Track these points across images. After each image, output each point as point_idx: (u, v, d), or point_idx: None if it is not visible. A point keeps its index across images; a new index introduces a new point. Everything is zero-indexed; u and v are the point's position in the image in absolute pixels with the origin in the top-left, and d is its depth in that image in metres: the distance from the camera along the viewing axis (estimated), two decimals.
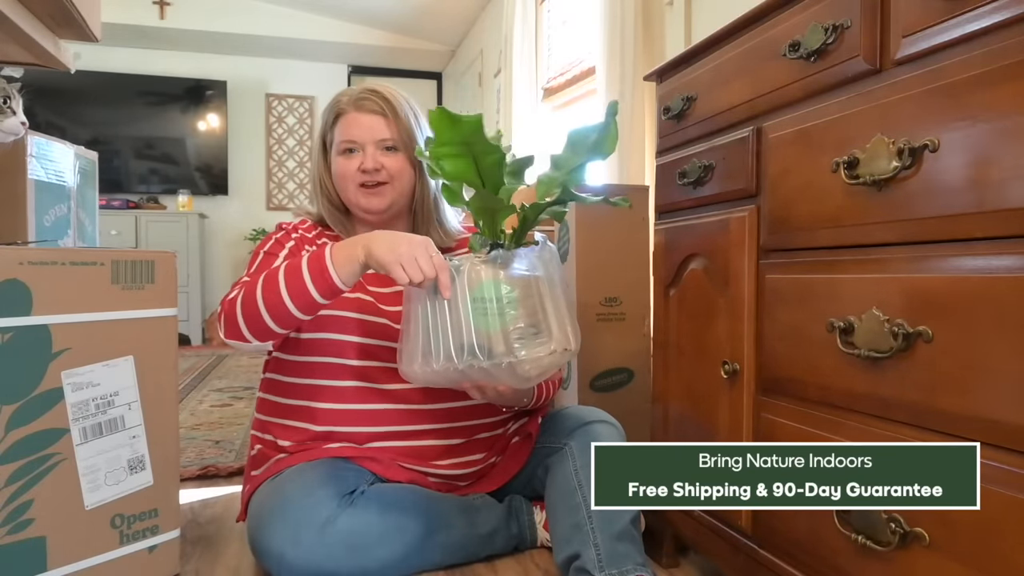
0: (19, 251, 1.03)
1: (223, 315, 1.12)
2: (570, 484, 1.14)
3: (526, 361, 0.97)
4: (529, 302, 1.00)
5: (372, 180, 1.24)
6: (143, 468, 1.14)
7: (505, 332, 0.97)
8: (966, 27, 0.64)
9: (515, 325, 0.98)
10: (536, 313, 1.01)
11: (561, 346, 1.00)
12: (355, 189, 1.25)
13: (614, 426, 1.27)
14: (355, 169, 1.24)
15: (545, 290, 1.02)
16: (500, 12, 3.80)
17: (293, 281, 1.06)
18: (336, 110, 1.27)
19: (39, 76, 1.36)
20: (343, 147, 1.25)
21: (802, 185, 0.86)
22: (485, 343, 0.96)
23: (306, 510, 1.08)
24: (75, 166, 1.43)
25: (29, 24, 1.16)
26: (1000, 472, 0.61)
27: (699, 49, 1.12)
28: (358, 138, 1.24)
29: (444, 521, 1.18)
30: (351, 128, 1.25)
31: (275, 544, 1.07)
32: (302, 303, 1.07)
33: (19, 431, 0.99)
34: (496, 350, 0.96)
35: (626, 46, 2.30)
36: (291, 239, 1.25)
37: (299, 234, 1.26)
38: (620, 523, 1.08)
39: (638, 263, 1.82)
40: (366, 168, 1.23)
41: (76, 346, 1.04)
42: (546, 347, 0.99)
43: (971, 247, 0.64)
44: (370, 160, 1.23)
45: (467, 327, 0.97)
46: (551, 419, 1.31)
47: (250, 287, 1.10)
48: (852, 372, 0.77)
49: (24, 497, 0.99)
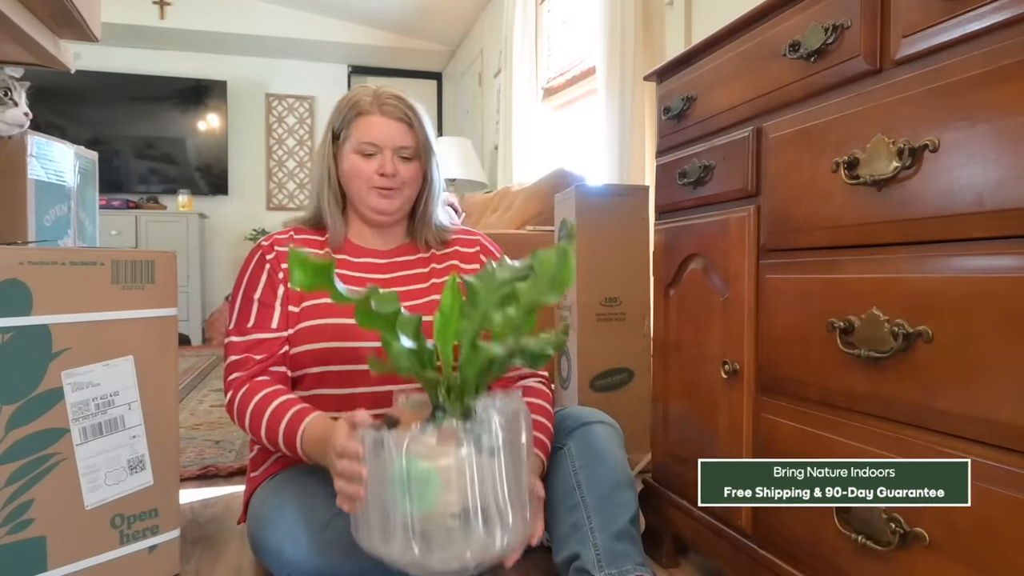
0: (19, 251, 1.03)
1: (234, 414, 1.15)
2: (569, 484, 1.14)
3: None
4: (461, 484, 0.82)
5: (388, 185, 1.25)
6: (143, 468, 1.14)
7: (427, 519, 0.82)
8: (966, 27, 0.64)
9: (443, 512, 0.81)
10: (466, 498, 0.82)
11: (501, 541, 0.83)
12: (367, 189, 1.26)
13: (612, 427, 1.27)
14: (372, 171, 1.24)
15: (493, 469, 0.83)
16: (500, 12, 3.80)
17: (272, 440, 1.11)
18: (359, 108, 1.26)
19: (39, 76, 1.36)
20: (362, 148, 1.25)
21: (802, 185, 0.86)
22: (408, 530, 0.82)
23: (305, 510, 1.09)
24: (75, 166, 1.43)
25: (29, 24, 1.16)
26: (1000, 472, 0.61)
27: (699, 49, 1.12)
28: (380, 141, 1.24)
29: None
30: (374, 130, 1.25)
31: (274, 541, 1.08)
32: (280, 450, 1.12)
33: (19, 431, 0.99)
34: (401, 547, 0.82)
35: (626, 46, 2.30)
36: (267, 263, 1.24)
37: (274, 254, 1.25)
38: (619, 523, 1.08)
39: (638, 263, 1.82)
40: (386, 172, 1.24)
41: (76, 346, 1.04)
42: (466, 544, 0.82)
43: (971, 247, 0.64)
44: (390, 166, 1.24)
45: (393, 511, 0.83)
46: None
47: (242, 412, 1.13)
48: (852, 372, 0.77)
49: (24, 497, 0.99)
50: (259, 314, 1.20)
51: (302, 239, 1.29)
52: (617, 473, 1.16)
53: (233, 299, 1.24)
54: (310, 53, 5.24)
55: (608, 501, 1.11)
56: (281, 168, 5.44)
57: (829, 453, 0.81)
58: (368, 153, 1.25)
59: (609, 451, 1.19)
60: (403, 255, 1.34)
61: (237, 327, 1.20)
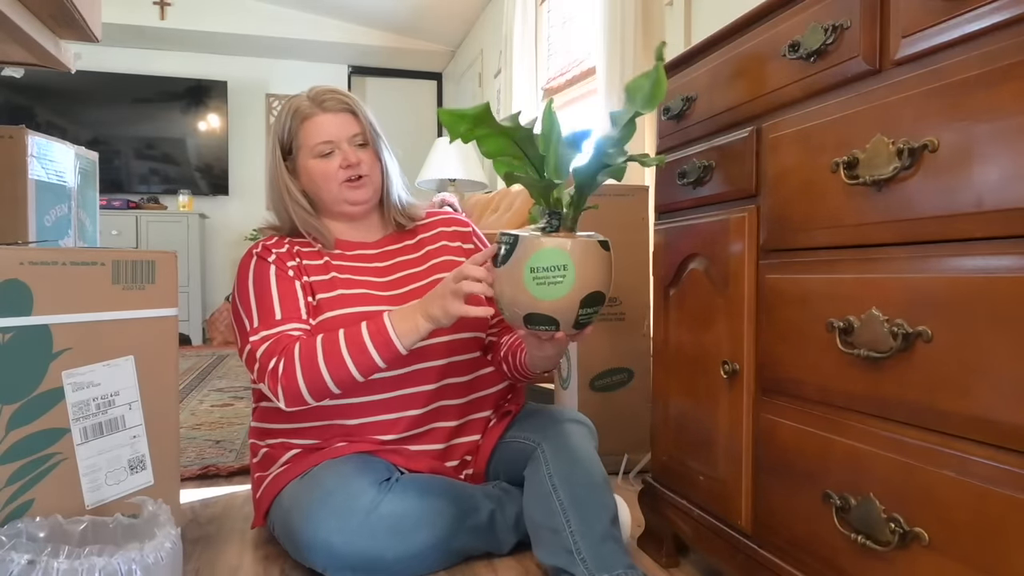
0: (20, 251, 1.03)
1: (282, 389, 1.12)
2: (545, 488, 1.15)
3: None
4: (587, 266, 1.00)
5: (355, 174, 1.26)
6: (143, 468, 1.14)
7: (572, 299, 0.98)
8: (965, 27, 0.64)
9: None
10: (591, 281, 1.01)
11: None
12: (338, 186, 1.26)
13: (586, 426, 1.30)
14: (336, 167, 1.26)
15: None
16: (500, 12, 3.80)
17: (358, 354, 1.12)
18: (301, 114, 1.27)
19: (40, 76, 1.37)
20: (319, 149, 1.26)
21: (802, 185, 0.86)
22: None
23: (350, 498, 1.10)
24: (76, 166, 1.43)
25: (30, 24, 1.16)
26: (1000, 472, 0.61)
27: (699, 49, 1.12)
28: (333, 137, 1.26)
29: (473, 505, 1.21)
30: (324, 128, 1.26)
31: (321, 534, 1.08)
32: (367, 370, 1.13)
33: (19, 431, 0.99)
34: None
35: (626, 46, 2.30)
36: (270, 264, 1.24)
37: (274, 256, 1.25)
38: (600, 526, 1.09)
39: (638, 263, 1.82)
40: (350, 163, 1.25)
41: (77, 346, 1.05)
42: None
43: (970, 247, 0.64)
44: (352, 155, 1.26)
45: None
46: (525, 414, 1.33)
47: (307, 359, 1.11)
48: (852, 372, 0.77)
49: (24, 497, 0.99)
50: (284, 305, 1.20)
51: (297, 243, 1.29)
52: (592, 474, 1.16)
53: (245, 304, 1.22)
54: (310, 53, 5.24)
55: (587, 503, 1.11)
56: None
57: (829, 453, 0.81)
58: (325, 153, 1.26)
59: (583, 452, 1.20)
60: (392, 244, 1.35)
61: (263, 323, 1.19)
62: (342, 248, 1.31)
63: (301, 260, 1.26)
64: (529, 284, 0.98)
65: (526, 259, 0.98)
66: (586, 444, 1.23)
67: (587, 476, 1.15)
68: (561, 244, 0.98)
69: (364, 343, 1.11)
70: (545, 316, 0.99)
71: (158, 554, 0.87)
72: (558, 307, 0.99)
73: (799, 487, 0.86)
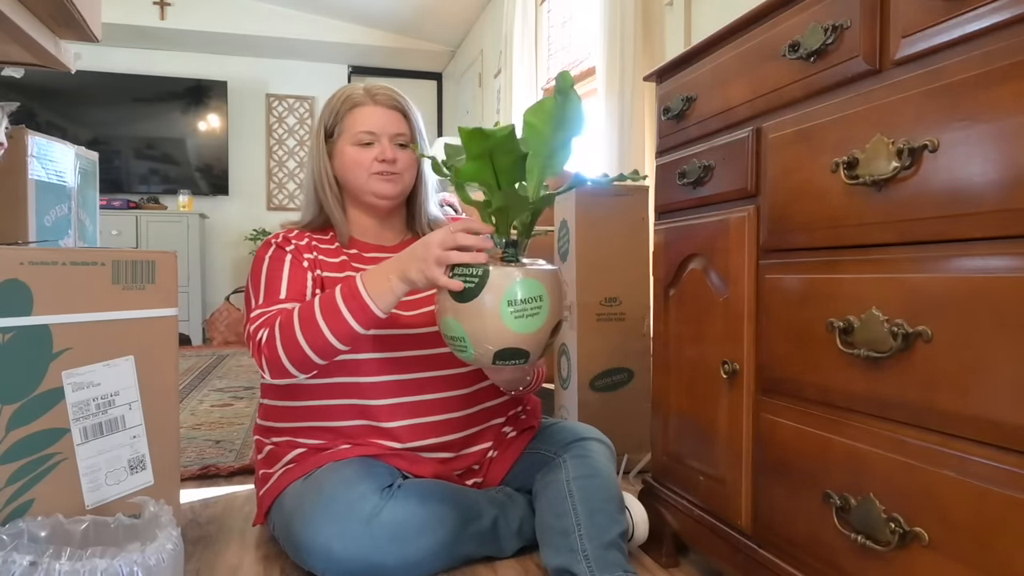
0: (20, 251, 1.03)
1: (265, 359, 1.11)
2: (561, 492, 1.15)
3: None
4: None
5: (389, 170, 1.26)
6: (143, 468, 1.14)
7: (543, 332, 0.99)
8: (965, 27, 0.64)
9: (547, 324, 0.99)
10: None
11: None
12: (368, 177, 1.26)
13: (607, 445, 1.31)
14: (371, 159, 1.26)
15: None
16: (500, 12, 3.80)
17: (333, 319, 1.08)
18: (352, 101, 1.28)
19: (40, 76, 1.37)
20: (360, 137, 1.26)
21: (802, 185, 0.86)
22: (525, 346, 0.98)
23: (351, 504, 1.09)
24: (76, 166, 1.43)
25: (29, 24, 1.16)
26: (1000, 472, 0.61)
27: (699, 49, 1.12)
28: (377, 129, 1.26)
29: (476, 511, 1.20)
30: (370, 119, 1.27)
31: (321, 540, 1.07)
32: (345, 337, 1.09)
33: (19, 431, 0.99)
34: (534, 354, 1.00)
35: (626, 46, 2.30)
36: (288, 252, 1.24)
37: (293, 246, 1.25)
38: (609, 534, 1.09)
39: (638, 263, 1.82)
40: (386, 158, 1.25)
41: (77, 346, 1.05)
42: None
43: (970, 247, 0.64)
44: (389, 151, 1.26)
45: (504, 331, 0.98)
46: (546, 429, 1.34)
47: (286, 327, 1.10)
48: (852, 372, 0.77)
49: (24, 497, 0.99)
50: (290, 288, 1.20)
51: (316, 238, 1.30)
52: (611, 489, 1.17)
53: (255, 286, 1.23)
54: (310, 53, 5.24)
55: (599, 512, 1.12)
56: (281, 168, 5.44)
57: (828, 453, 0.81)
58: (365, 142, 1.27)
59: (603, 468, 1.21)
60: None
61: (267, 299, 1.19)
62: (359, 249, 1.31)
63: (318, 255, 1.26)
64: (507, 318, 0.95)
65: (502, 293, 0.95)
66: (607, 463, 1.25)
67: (605, 491, 1.16)
68: (537, 275, 0.97)
69: (338, 308, 1.08)
70: (518, 350, 0.97)
71: (160, 555, 0.87)
72: (534, 339, 0.98)
73: (799, 487, 0.86)
